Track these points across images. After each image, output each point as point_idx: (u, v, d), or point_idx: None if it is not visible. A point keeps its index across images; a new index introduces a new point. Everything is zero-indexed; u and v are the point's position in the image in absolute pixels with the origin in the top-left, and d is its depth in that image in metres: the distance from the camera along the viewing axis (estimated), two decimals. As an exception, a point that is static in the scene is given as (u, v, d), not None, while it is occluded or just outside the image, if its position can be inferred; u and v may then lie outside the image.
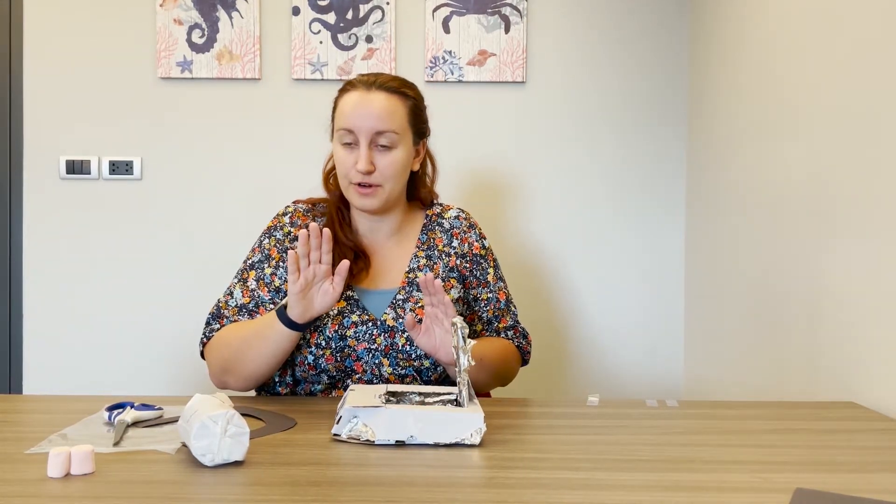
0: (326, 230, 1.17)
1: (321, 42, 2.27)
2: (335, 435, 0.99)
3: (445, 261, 1.40)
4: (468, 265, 1.42)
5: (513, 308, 1.47)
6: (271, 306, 1.32)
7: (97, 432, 1.01)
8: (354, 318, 1.30)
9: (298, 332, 1.23)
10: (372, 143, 1.30)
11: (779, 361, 1.62)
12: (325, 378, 1.31)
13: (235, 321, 1.32)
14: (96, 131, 2.29)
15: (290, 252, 1.16)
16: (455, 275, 1.40)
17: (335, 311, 1.31)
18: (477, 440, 0.97)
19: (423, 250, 1.40)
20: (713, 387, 2.07)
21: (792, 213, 1.58)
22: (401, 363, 1.30)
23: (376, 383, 1.28)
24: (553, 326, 2.34)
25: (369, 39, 2.27)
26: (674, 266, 2.34)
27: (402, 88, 1.34)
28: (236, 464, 0.88)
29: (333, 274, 1.20)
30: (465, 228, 1.44)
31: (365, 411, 0.98)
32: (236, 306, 1.33)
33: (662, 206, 2.33)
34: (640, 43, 2.31)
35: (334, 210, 1.40)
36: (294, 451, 0.95)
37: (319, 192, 1.45)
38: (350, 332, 1.30)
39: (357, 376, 1.30)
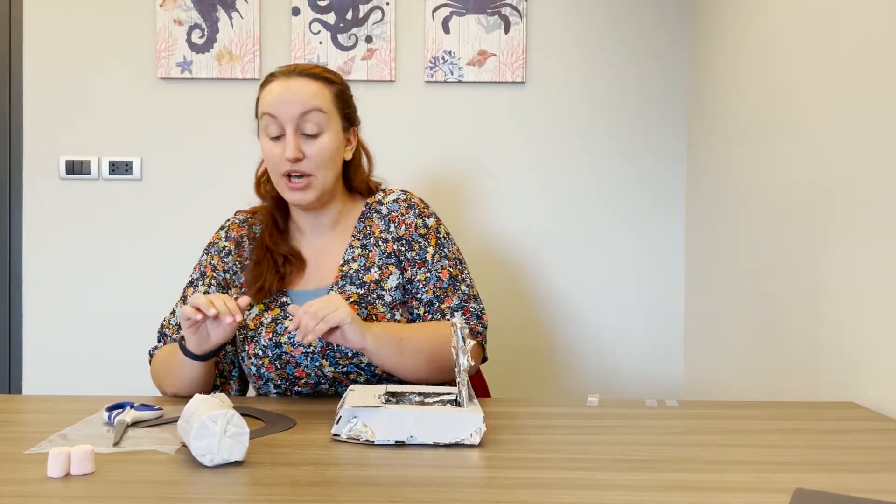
0: (238, 318, 1.13)
1: (321, 42, 2.27)
2: (335, 435, 0.99)
3: (382, 247, 1.34)
4: (403, 248, 1.34)
5: (463, 287, 1.33)
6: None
7: (97, 432, 1.01)
8: (287, 323, 1.28)
9: (203, 360, 1.21)
10: (298, 129, 1.26)
11: (779, 361, 1.62)
12: (272, 386, 1.30)
13: (173, 340, 1.32)
14: (96, 131, 2.29)
15: (185, 307, 1.13)
16: (392, 260, 1.33)
17: (269, 319, 1.30)
18: (476, 440, 0.97)
19: (358, 239, 1.35)
20: (713, 387, 2.08)
21: (792, 212, 1.58)
22: (340, 362, 1.27)
23: (322, 384, 1.28)
24: (553, 326, 2.34)
25: (369, 40, 2.27)
26: (674, 266, 2.34)
27: (324, 74, 1.31)
28: (236, 464, 0.88)
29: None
30: (402, 210, 1.36)
31: (364, 411, 0.98)
32: (175, 325, 1.34)
33: (662, 206, 2.33)
34: (640, 43, 2.31)
35: (268, 217, 1.37)
36: (294, 451, 0.95)
37: None
38: (284, 339, 1.28)
39: (302, 381, 1.29)
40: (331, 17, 2.27)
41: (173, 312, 1.36)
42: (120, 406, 1.08)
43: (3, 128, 2.28)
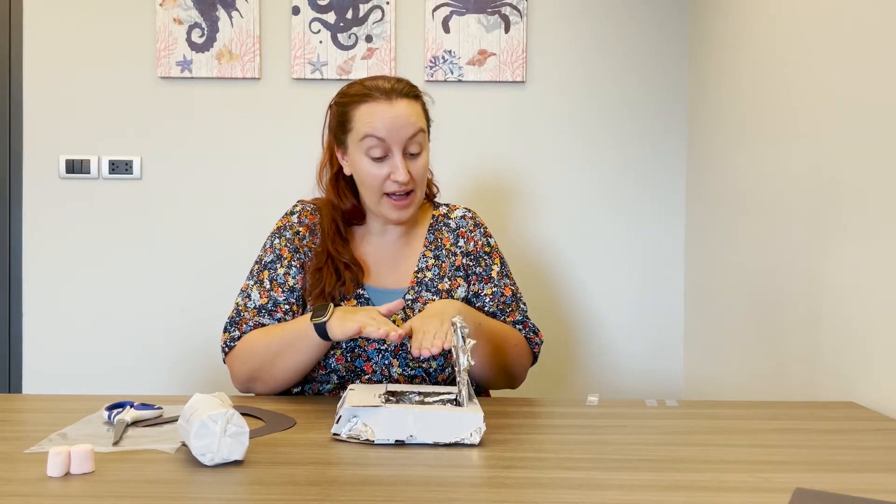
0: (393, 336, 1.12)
1: (321, 42, 2.27)
2: (335, 434, 0.99)
3: (451, 260, 1.41)
4: (471, 263, 1.42)
5: (522, 305, 1.45)
6: (286, 307, 1.32)
7: (97, 431, 1.01)
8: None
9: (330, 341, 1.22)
10: (404, 151, 1.31)
11: (779, 361, 1.62)
12: (335, 378, 1.31)
13: (256, 323, 1.31)
14: (96, 131, 2.29)
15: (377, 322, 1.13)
16: (461, 274, 1.41)
17: None
18: (476, 440, 0.97)
19: (430, 250, 1.41)
20: (713, 387, 2.07)
21: (792, 212, 1.58)
22: (410, 364, 1.31)
23: (384, 384, 1.28)
24: (552, 327, 2.34)
25: (369, 39, 2.27)
26: (674, 266, 2.34)
27: (415, 91, 1.36)
28: (236, 463, 0.88)
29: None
30: (470, 227, 1.45)
31: (364, 411, 0.98)
32: (255, 308, 1.32)
33: (662, 205, 2.33)
34: (641, 43, 2.31)
35: (331, 223, 1.38)
36: (294, 450, 0.95)
37: (318, 192, 1.45)
38: None
39: (367, 377, 1.30)
40: (331, 17, 2.27)
41: (248, 296, 1.33)
42: (120, 405, 1.07)
43: (3, 127, 2.28)
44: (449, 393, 1.08)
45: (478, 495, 0.80)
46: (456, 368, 1.02)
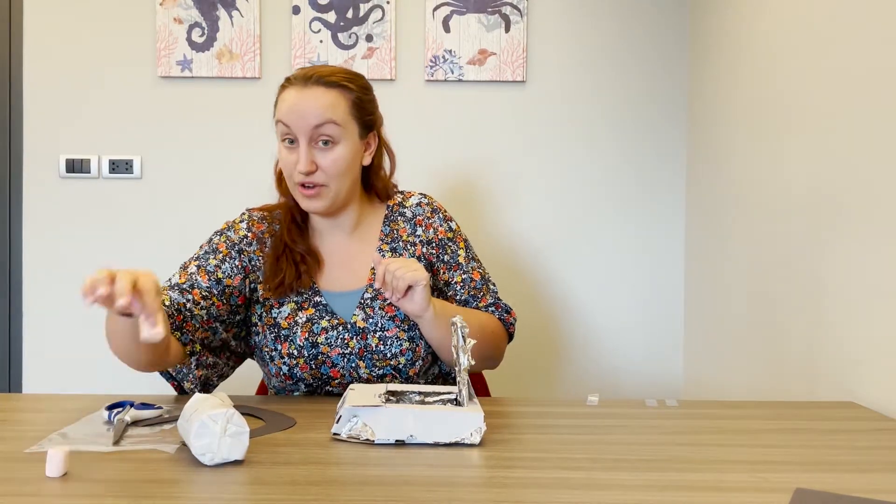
0: (121, 303, 0.93)
1: (321, 41, 2.27)
2: (335, 434, 0.99)
3: (411, 251, 1.36)
4: (434, 251, 1.37)
5: (491, 286, 1.42)
6: (205, 293, 1.26)
7: (97, 431, 1.01)
8: (324, 323, 1.28)
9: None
10: (312, 140, 1.24)
11: (779, 361, 1.62)
12: (303, 386, 1.30)
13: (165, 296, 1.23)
14: (96, 130, 2.29)
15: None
16: (423, 263, 1.35)
17: (304, 319, 1.28)
18: (477, 439, 0.97)
19: (386, 243, 1.36)
20: (713, 387, 2.07)
21: (792, 212, 1.58)
22: (377, 364, 1.28)
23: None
24: (553, 326, 2.34)
25: (369, 38, 2.27)
26: (674, 266, 2.34)
27: (342, 81, 1.27)
28: (236, 463, 0.88)
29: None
30: (428, 214, 1.39)
31: (365, 410, 0.98)
32: (170, 285, 1.26)
33: (662, 206, 2.33)
34: (641, 42, 2.31)
35: (287, 214, 1.35)
36: (294, 450, 0.95)
37: None
38: (321, 339, 1.27)
39: (336, 381, 1.29)
40: (331, 16, 2.27)
41: (169, 280, 1.28)
42: (120, 405, 1.08)
43: (3, 127, 2.28)
44: (449, 393, 1.08)
45: (478, 495, 0.80)
46: (456, 368, 1.02)
